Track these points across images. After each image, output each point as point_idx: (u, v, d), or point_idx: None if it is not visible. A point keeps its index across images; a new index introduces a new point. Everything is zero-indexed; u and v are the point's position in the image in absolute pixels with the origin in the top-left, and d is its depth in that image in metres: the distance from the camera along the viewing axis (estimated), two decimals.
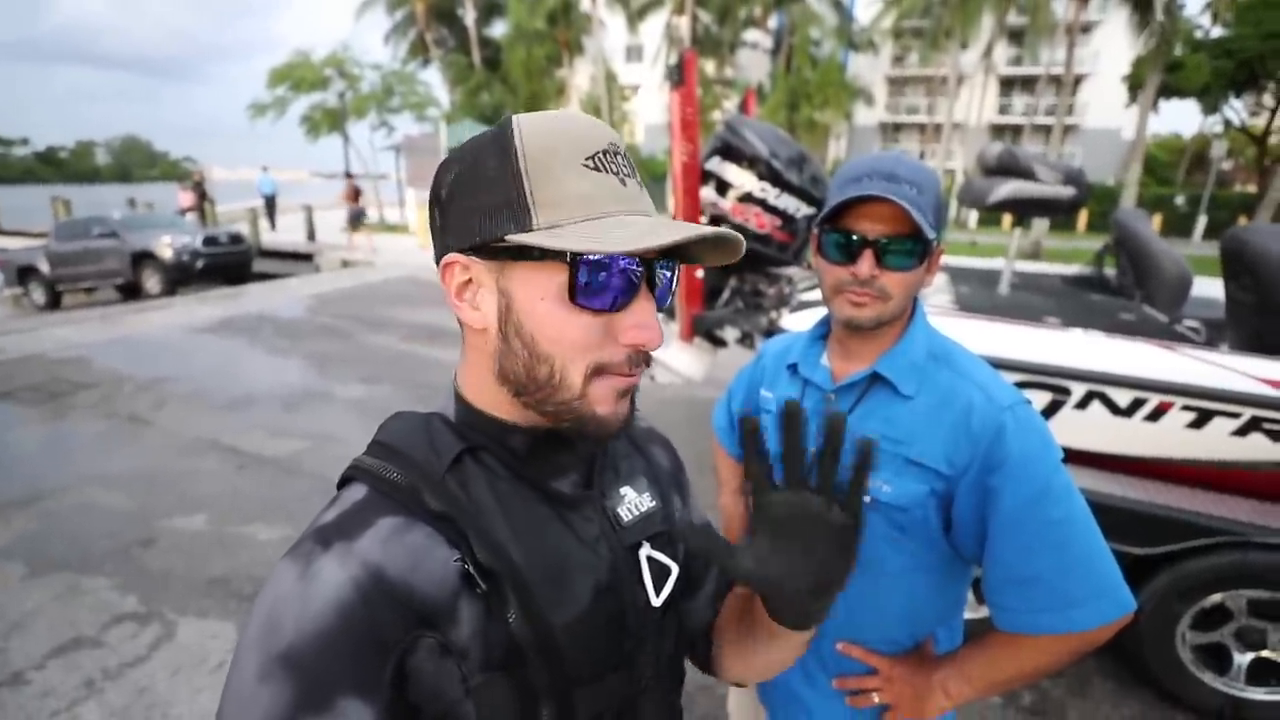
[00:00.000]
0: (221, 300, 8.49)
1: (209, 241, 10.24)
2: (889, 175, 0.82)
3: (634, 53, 36.92)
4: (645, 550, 0.58)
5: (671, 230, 0.45)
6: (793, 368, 1.00)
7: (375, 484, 0.49)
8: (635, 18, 26.76)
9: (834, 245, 0.86)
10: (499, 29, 28.19)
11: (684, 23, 25.77)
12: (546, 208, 0.45)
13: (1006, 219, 21.83)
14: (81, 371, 5.37)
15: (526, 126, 0.47)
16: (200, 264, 9.97)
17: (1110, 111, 29.49)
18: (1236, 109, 20.40)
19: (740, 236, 0.48)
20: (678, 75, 2.76)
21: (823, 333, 1.00)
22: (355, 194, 13.98)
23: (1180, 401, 1.84)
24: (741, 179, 3.10)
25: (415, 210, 13.99)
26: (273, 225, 16.12)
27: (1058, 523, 0.76)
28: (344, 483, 0.52)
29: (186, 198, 14.58)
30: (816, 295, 2.77)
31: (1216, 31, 18.64)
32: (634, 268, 0.47)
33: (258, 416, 4.48)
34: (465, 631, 0.46)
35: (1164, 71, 16.37)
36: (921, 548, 0.86)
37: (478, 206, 0.47)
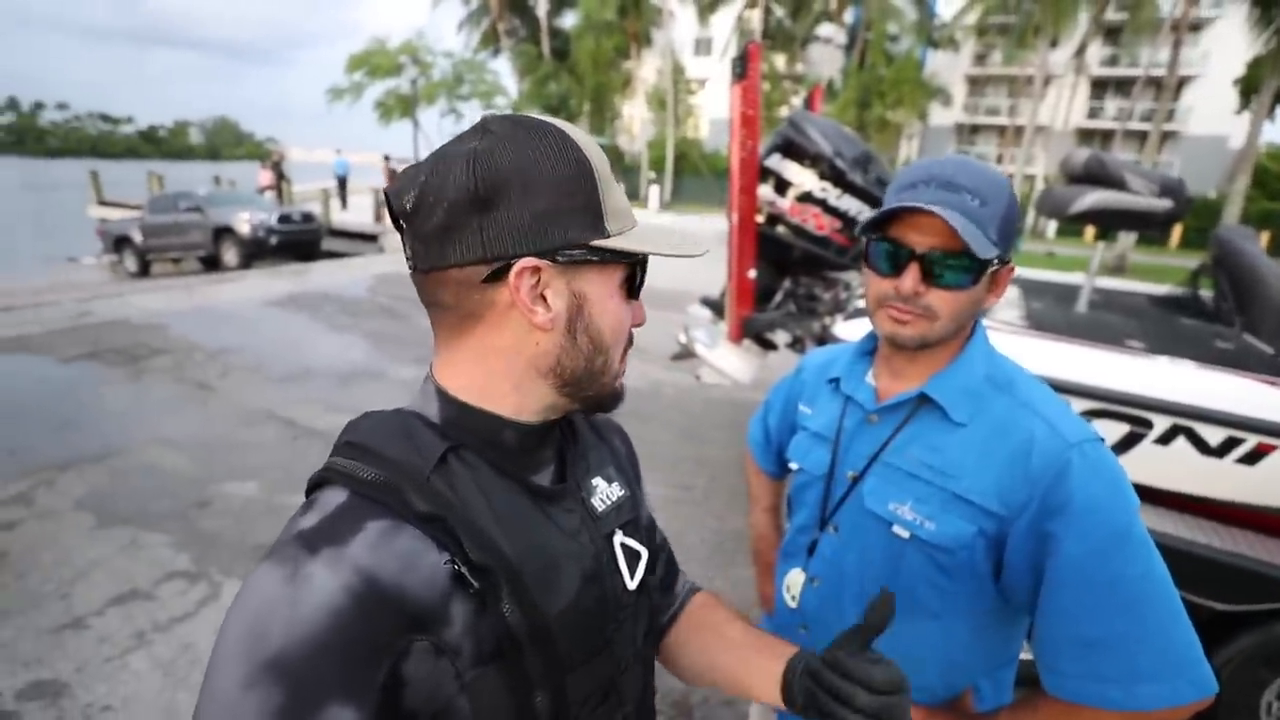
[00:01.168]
0: (291, 276, 8.90)
1: (283, 219, 10.75)
2: (947, 183, 0.74)
3: (703, 45, 36.51)
4: (619, 537, 0.61)
5: (692, 244, 0.54)
6: (834, 382, 0.93)
7: (356, 486, 0.48)
8: (706, 10, 26.44)
9: (880, 255, 0.79)
10: (569, 20, 28.43)
11: (755, 15, 25.28)
12: (613, 216, 0.51)
13: (1090, 230, 20.51)
14: (159, 337, 5.72)
15: (580, 137, 0.50)
16: (274, 240, 10.49)
17: (1216, 118, 27.20)
18: None
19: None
20: (740, 68, 2.66)
21: (870, 347, 0.92)
22: (392, 176, 14.56)
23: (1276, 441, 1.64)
24: (802, 177, 2.98)
25: None
26: (344, 205, 16.78)
27: (1130, 580, 0.66)
28: (317, 485, 0.51)
29: (265, 176, 15.33)
30: None
31: None
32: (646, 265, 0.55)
33: (314, 390, 4.66)
34: (457, 630, 0.46)
35: None
36: (965, 591, 0.77)
37: (550, 212, 0.48)
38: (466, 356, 0.53)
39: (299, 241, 10.98)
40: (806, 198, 2.98)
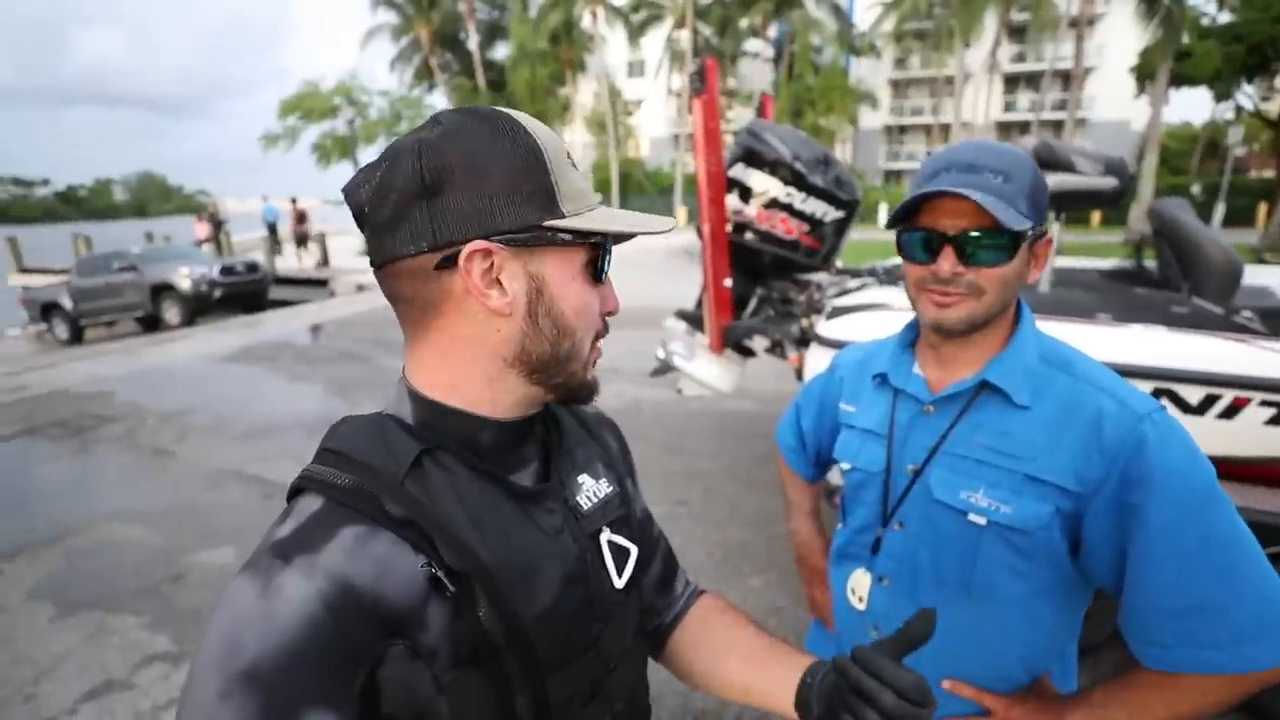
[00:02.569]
0: (240, 329, 8.55)
1: (226, 271, 10.35)
2: (968, 165, 0.74)
3: (635, 68, 37.24)
4: (606, 535, 0.60)
5: (652, 222, 0.55)
6: (880, 378, 0.92)
7: (331, 493, 0.48)
8: (636, 33, 27.06)
9: (914, 244, 0.79)
10: (501, 51, 28.60)
11: (685, 36, 25.96)
12: (568, 198, 0.50)
13: None
14: (105, 405, 5.39)
15: (528, 121, 0.50)
16: (218, 293, 10.07)
17: (1118, 104, 29.21)
18: (1249, 94, 20.09)
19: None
20: (699, 82, 2.70)
21: (911, 339, 0.92)
22: (301, 217, 15.15)
23: (1259, 397, 1.72)
24: (766, 184, 3.03)
25: None
26: (278, 252, 16.18)
27: (1222, 542, 0.66)
28: (295, 493, 0.50)
29: (202, 229, 14.78)
30: (850, 300, 2.68)
31: (1224, 17, 18.43)
32: (610, 249, 0.54)
33: (281, 444, 4.45)
34: (433, 633, 0.46)
35: (1173, 60, 16.18)
36: (1044, 572, 0.77)
37: (499, 195, 0.48)
38: (432, 351, 0.52)
39: (245, 293, 10.57)
40: (773, 204, 3.03)
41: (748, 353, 3.49)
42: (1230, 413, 1.78)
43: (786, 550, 3.00)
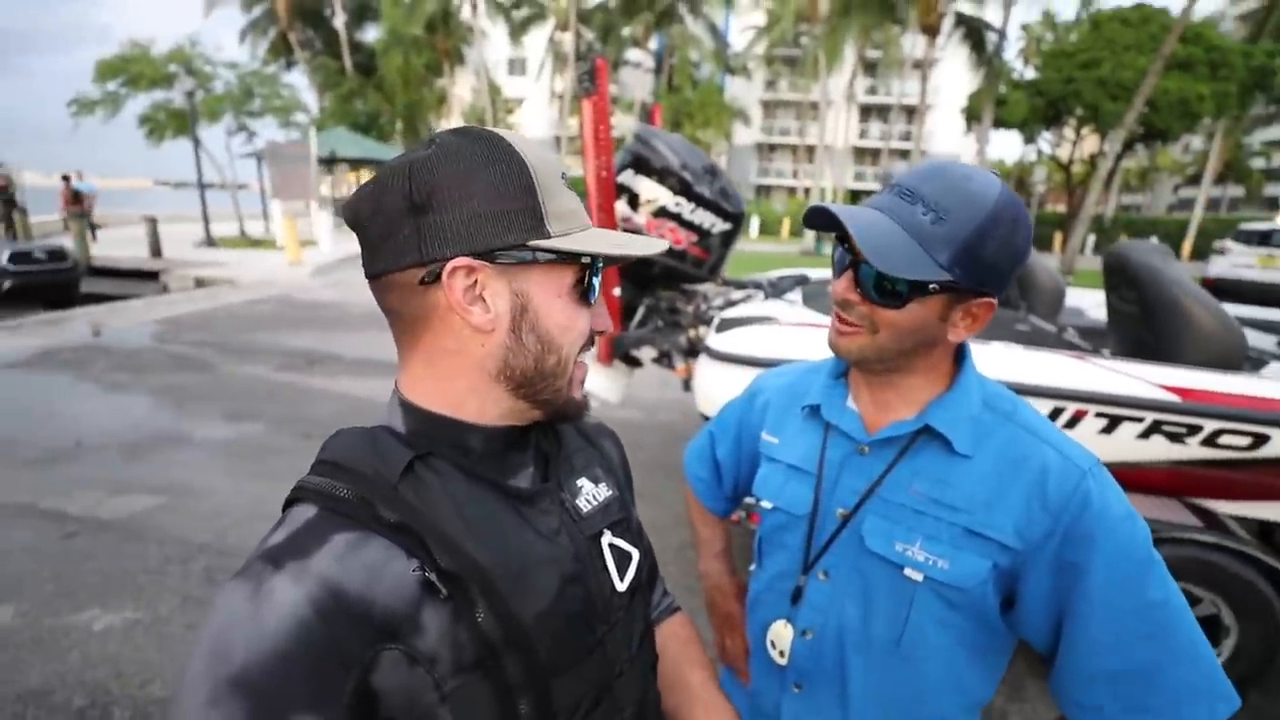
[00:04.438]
0: (39, 328, 7.15)
1: (19, 258, 8.67)
2: (910, 191, 0.67)
3: (517, 65, 36.49)
4: (607, 538, 0.60)
5: (653, 243, 0.57)
6: (810, 409, 0.85)
7: (324, 502, 0.48)
8: (518, 31, 26.51)
9: (836, 256, 0.74)
10: (371, 33, 26.74)
11: (567, 38, 25.82)
12: (556, 218, 0.51)
13: None
14: None
15: (521, 143, 0.51)
16: (8, 284, 8.41)
17: (951, 139, 33.22)
18: (1048, 139, 23.67)
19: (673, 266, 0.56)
20: (590, 82, 2.61)
21: (844, 367, 0.86)
22: (75, 197, 12.11)
23: (1094, 409, 1.94)
24: (655, 193, 3.01)
25: (283, 224, 12.72)
26: (93, 237, 13.75)
27: (1159, 606, 0.64)
28: (289, 504, 0.51)
29: None
30: (739, 312, 2.71)
31: (1029, 74, 21.58)
32: (600, 270, 0.55)
33: (90, 470, 3.73)
34: (432, 638, 0.46)
35: (995, 105, 18.68)
36: (969, 625, 0.73)
37: (485, 214, 0.49)
38: (420, 363, 0.54)
39: (46, 284, 8.90)
40: (661, 212, 3.02)
41: (635, 363, 3.45)
42: (1071, 424, 1.99)
43: (675, 565, 2.97)
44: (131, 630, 2.40)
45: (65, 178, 12.55)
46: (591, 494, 0.61)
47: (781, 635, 0.83)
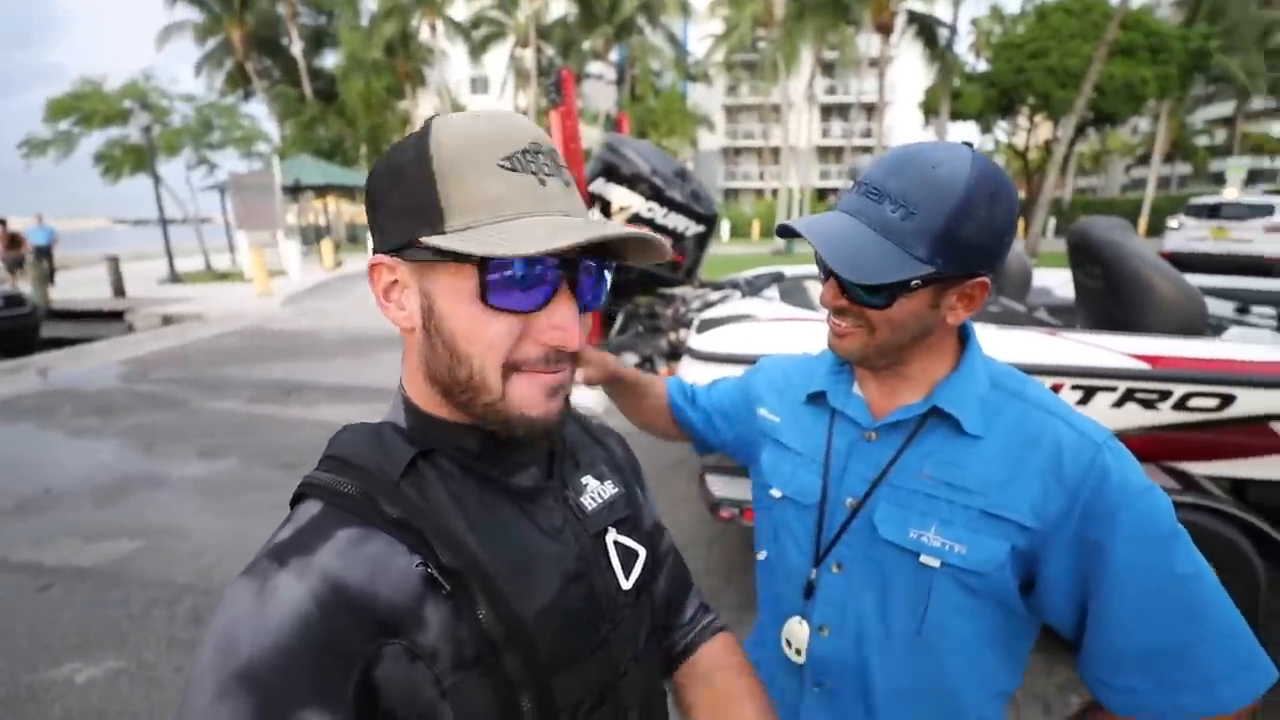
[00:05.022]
0: None
1: None
2: (875, 189, 0.66)
3: (479, 84, 36.51)
4: (612, 535, 0.60)
5: (578, 230, 0.45)
6: (815, 396, 0.84)
7: (329, 498, 0.48)
8: (478, 49, 26.56)
9: (821, 264, 0.72)
10: (330, 59, 26.58)
11: (528, 55, 25.91)
12: (459, 210, 0.46)
13: None
14: None
15: (443, 128, 0.48)
16: None
17: (910, 134, 33.96)
18: (1004, 129, 24.33)
19: (656, 235, 0.49)
20: (557, 94, 2.63)
21: None
22: (12, 240, 12.76)
23: (1069, 382, 1.98)
24: (628, 200, 3.03)
25: (250, 255, 12.51)
26: (51, 280, 13.51)
27: (1188, 579, 0.62)
28: (296, 500, 0.51)
29: None
30: (717, 312, 2.73)
31: (981, 66, 22.20)
32: (551, 268, 0.48)
33: (63, 519, 3.60)
34: (433, 634, 0.46)
35: (951, 99, 19.16)
36: (991, 612, 0.71)
37: (398, 208, 0.48)
38: (408, 358, 0.54)
39: (3, 331, 8.63)
40: (635, 219, 3.03)
41: None
42: None
43: None
44: (116, 680, 2.31)
45: (1, 221, 12.38)
46: (596, 492, 0.61)
47: (796, 633, 0.80)
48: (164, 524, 3.47)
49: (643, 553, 0.62)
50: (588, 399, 3.25)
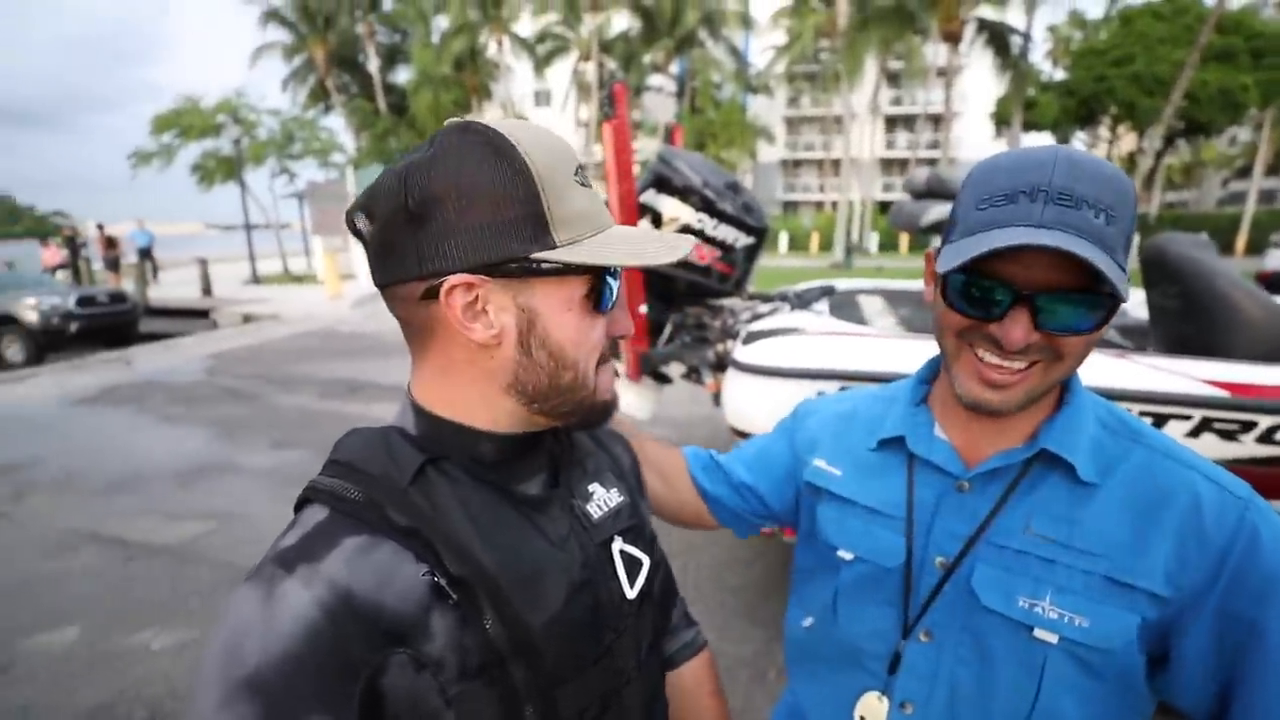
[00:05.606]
0: (101, 366, 7.57)
1: (84, 302, 9.19)
2: (1064, 194, 0.53)
3: (542, 97, 37.49)
4: (617, 545, 0.59)
5: (676, 245, 0.52)
6: (887, 442, 0.73)
7: (336, 504, 0.48)
8: (542, 64, 27.27)
9: (962, 292, 0.59)
10: (403, 75, 27.90)
11: (590, 69, 26.45)
12: (563, 225, 0.47)
13: (905, 242, 23.47)
14: None
15: (526, 141, 0.47)
16: (74, 327, 8.91)
17: (979, 145, 32.69)
18: (1082, 140, 23.12)
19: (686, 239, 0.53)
20: (609, 107, 2.69)
21: (924, 392, 0.74)
22: (109, 243, 14.25)
23: (1138, 408, 1.87)
24: (678, 211, 3.05)
25: (323, 260, 13.25)
26: (155, 279, 14.86)
27: None
28: (301, 504, 0.51)
29: (52, 254, 13.21)
30: (764, 325, 2.71)
31: (1059, 75, 21.20)
32: (618, 274, 0.53)
33: (148, 499, 3.91)
34: (439, 643, 0.46)
35: (1024, 109, 18.37)
36: (1112, 693, 0.61)
37: (484, 225, 0.46)
38: (431, 370, 0.53)
39: (108, 326, 9.41)
40: (684, 229, 3.05)
41: (664, 379, 3.46)
42: None
43: (711, 583, 2.95)
44: (185, 649, 2.49)
45: (100, 226, 13.78)
46: (603, 500, 0.60)
47: (875, 709, 0.69)
48: (234, 508, 3.71)
49: (647, 561, 0.62)
50: (632, 404, 3.28)
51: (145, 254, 14.50)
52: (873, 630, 0.70)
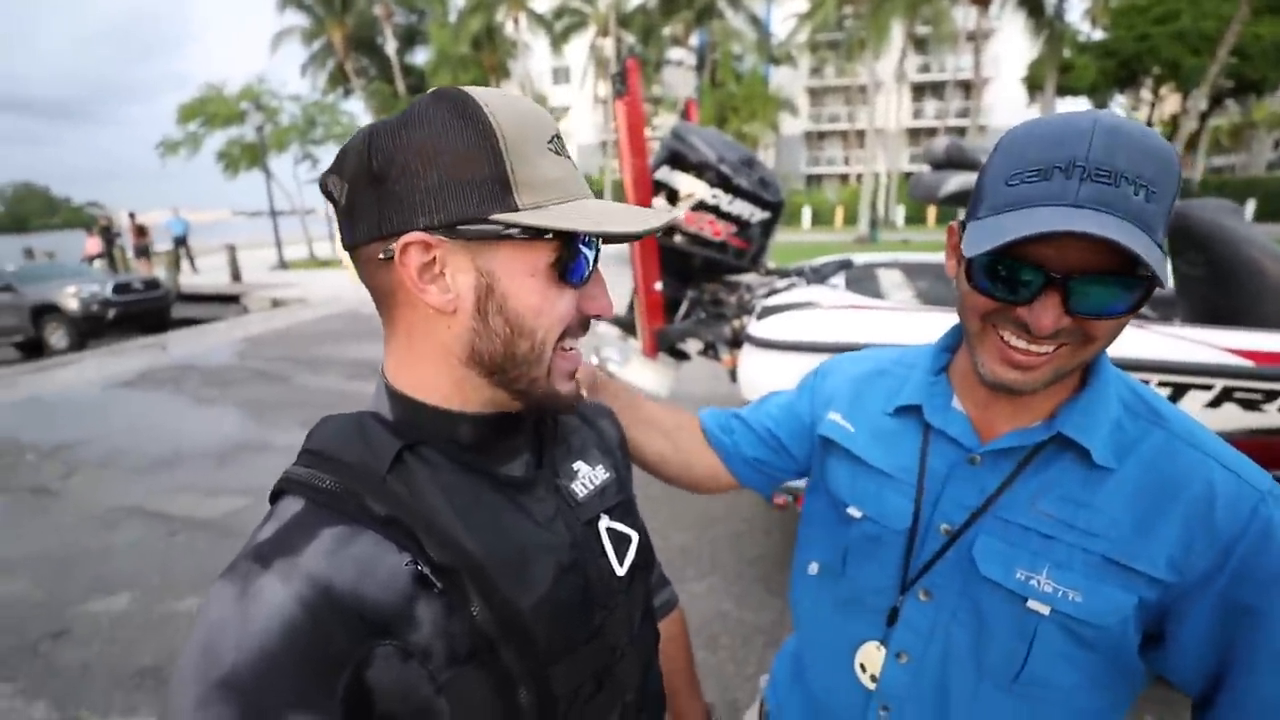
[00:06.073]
0: (139, 351, 7.86)
1: (121, 289, 9.50)
2: (1101, 170, 0.51)
3: (560, 74, 37.11)
4: (604, 522, 0.59)
5: (654, 216, 0.51)
6: (905, 409, 0.74)
7: (312, 494, 0.47)
8: (559, 40, 26.95)
9: (990, 275, 0.57)
10: (421, 56, 27.83)
11: (608, 44, 26.07)
12: (528, 188, 0.46)
13: (932, 215, 22.88)
14: None
15: (495, 104, 0.46)
16: (112, 313, 9.23)
17: (1012, 111, 31.51)
18: (1122, 104, 22.16)
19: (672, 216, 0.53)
20: (621, 84, 2.67)
21: (945, 361, 0.74)
22: (140, 231, 14.27)
23: (1156, 378, 1.84)
24: (693, 187, 3.04)
25: None
26: (192, 267, 15.32)
27: None
28: (276, 496, 0.50)
29: (93, 244, 13.63)
30: (780, 299, 2.71)
31: (1098, 35, 20.24)
32: (595, 247, 0.51)
33: (187, 476, 4.09)
34: (425, 632, 0.45)
35: (1058, 73, 17.63)
36: (1102, 663, 0.62)
37: (445, 184, 0.45)
38: (398, 344, 0.52)
39: (143, 312, 9.72)
40: (700, 206, 3.04)
41: (681, 356, 3.48)
42: None
43: (729, 553, 2.99)
44: None
45: (131, 215, 14.14)
46: (588, 477, 0.59)
47: (873, 658, 0.73)
48: (268, 485, 3.78)
49: (635, 537, 0.61)
50: (649, 380, 3.31)
51: (180, 242, 14.90)
52: (874, 586, 0.73)
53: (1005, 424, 0.67)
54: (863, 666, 0.73)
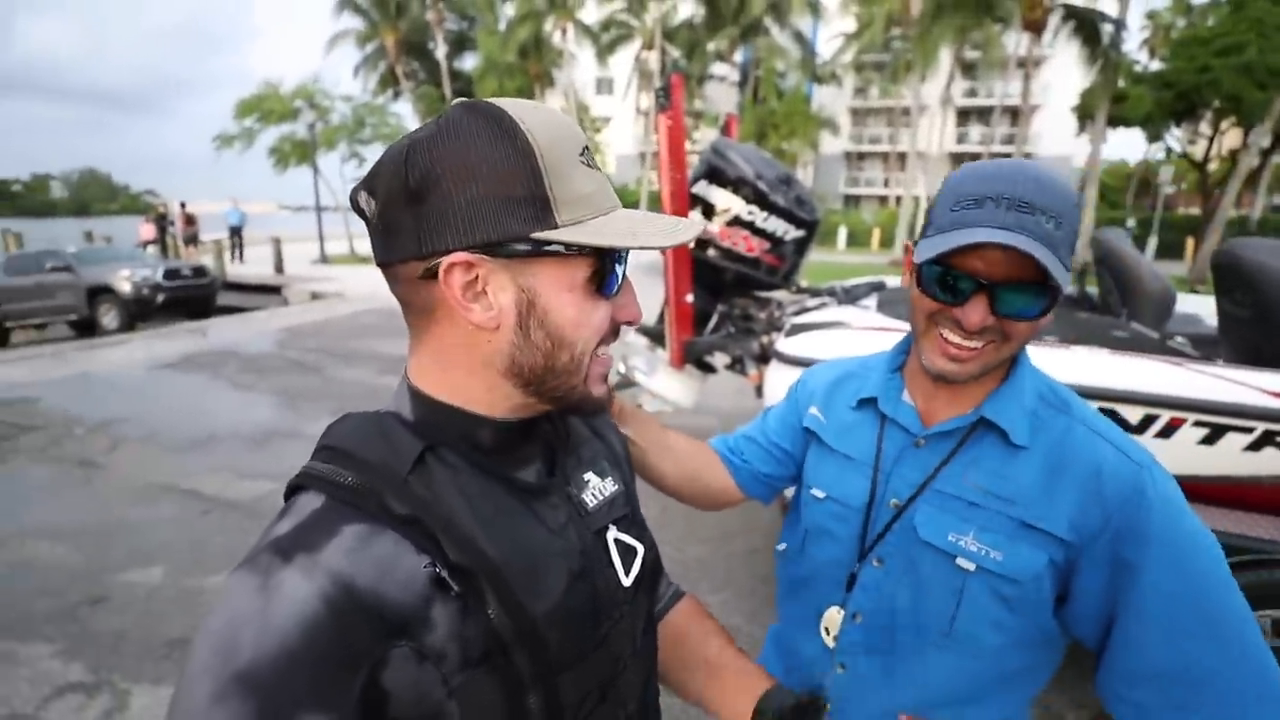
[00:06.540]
0: (184, 335, 8.16)
1: (170, 275, 9.92)
2: (1023, 202, 0.63)
3: (604, 85, 37.62)
4: (612, 533, 0.60)
5: (685, 228, 0.51)
6: (865, 402, 0.86)
7: (332, 491, 0.46)
8: (605, 51, 27.33)
9: (934, 279, 0.70)
10: (469, 62, 28.49)
11: (653, 57, 26.35)
12: (566, 205, 0.46)
13: None
14: (26, 414, 5.04)
15: (530, 120, 0.46)
16: (161, 298, 9.64)
17: (1061, 140, 30.87)
18: (1177, 137, 21.48)
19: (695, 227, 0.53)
20: (665, 99, 2.71)
21: (901, 361, 0.86)
22: (189, 220, 15.10)
23: (1192, 418, 1.79)
24: (729, 202, 3.06)
25: None
26: (240, 258, 15.88)
27: (1215, 605, 0.62)
28: (294, 491, 0.49)
29: (147, 230, 14.24)
30: (809, 318, 2.71)
31: (1155, 65, 19.70)
32: (625, 258, 0.52)
33: (222, 457, 4.23)
34: (441, 634, 0.45)
35: (1110, 102, 17.21)
36: (1025, 624, 0.72)
37: (487, 202, 0.45)
38: (429, 353, 0.52)
39: (190, 298, 10.13)
40: (735, 221, 3.06)
41: (708, 369, 3.49)
42: (1167, 432, 1.85)
43: (744, 568, 2.98)
44: None
45: (182, 204, 14.85)
46: (598, 488, 0.60)
47: (834, 620, 0.83)
48: (296, 469, 3.97)
49: (641, 549, 0.62)
50: (675, 390, 3.33)
51: (236, 231, 15.47)
52: (834, 557, 0.84)
53: (944, 412, 0.79)
54: (826, 630, 0.84)
